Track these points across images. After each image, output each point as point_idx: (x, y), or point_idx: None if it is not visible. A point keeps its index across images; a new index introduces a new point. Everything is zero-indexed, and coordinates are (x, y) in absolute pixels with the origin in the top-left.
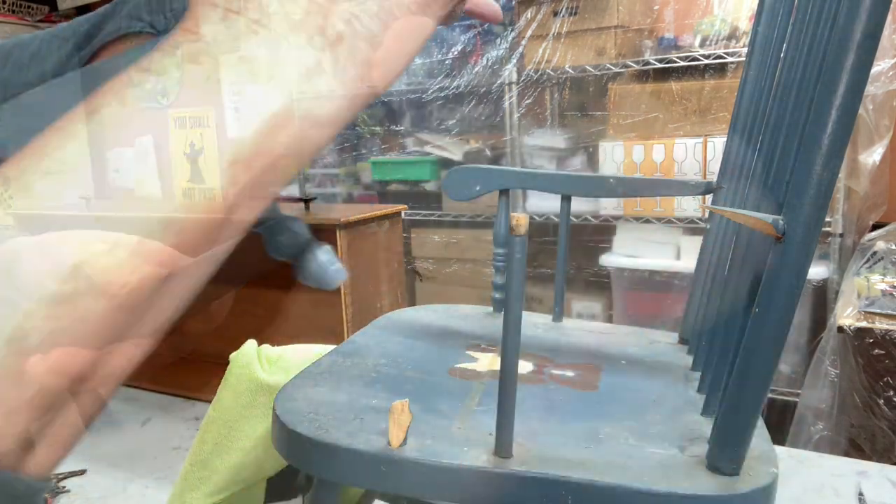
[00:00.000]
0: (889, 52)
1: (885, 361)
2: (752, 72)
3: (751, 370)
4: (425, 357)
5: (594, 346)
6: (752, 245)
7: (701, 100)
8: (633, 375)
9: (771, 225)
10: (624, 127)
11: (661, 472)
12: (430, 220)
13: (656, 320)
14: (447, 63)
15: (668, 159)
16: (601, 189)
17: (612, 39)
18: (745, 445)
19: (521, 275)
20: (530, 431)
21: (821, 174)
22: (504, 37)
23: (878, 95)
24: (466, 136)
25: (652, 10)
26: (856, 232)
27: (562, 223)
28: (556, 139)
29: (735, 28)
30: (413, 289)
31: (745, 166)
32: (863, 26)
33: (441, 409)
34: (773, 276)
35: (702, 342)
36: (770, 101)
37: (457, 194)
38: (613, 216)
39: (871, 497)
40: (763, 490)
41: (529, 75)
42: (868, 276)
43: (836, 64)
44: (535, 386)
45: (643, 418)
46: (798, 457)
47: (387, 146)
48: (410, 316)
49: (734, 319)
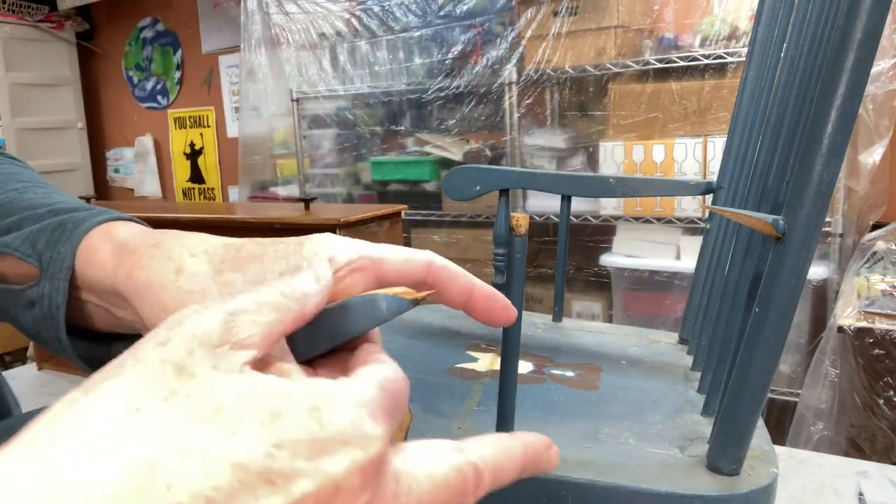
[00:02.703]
0: (889, 52)
1: (885, 361)
2: (752, 72)
3: (751, 370)
4: (425, 357)
5: (594, 346)
6: (752, 245)
7: (701, 100)
8: (633, 375)
9: (771, 225)
10: (624, 127)
11: (661, 472)
12: (430, 220)
13: (656, 320)
14: (447, 63)
15: (668, 159)
16: (601, 189)
17: (612, 39)
18: (745, 445)
19: (521, 275)
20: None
21: (821, 174)
22: (504, 37)
23: (878, 95)
24: (466, 136)
25: (652, 10)
26: (856, 232)
27: (562, 223)
28: (556, 139)
29: (735, 28)
30: None
31: (745, 166)
32: (863, 26)
33: (441, 409)
34: (773, 276)
35: (702, 342)
36: (770, 101)
37: (457, 194)
38: (613, 216)
39: (871, 497)
40: (763, 490)
41: (529, 75)
42: (868, 276)
43: (836, 64)
44: (535, 386)
45: (643, 418)
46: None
47: (387, 146)
48: (410, 316)
49: (734, 319)
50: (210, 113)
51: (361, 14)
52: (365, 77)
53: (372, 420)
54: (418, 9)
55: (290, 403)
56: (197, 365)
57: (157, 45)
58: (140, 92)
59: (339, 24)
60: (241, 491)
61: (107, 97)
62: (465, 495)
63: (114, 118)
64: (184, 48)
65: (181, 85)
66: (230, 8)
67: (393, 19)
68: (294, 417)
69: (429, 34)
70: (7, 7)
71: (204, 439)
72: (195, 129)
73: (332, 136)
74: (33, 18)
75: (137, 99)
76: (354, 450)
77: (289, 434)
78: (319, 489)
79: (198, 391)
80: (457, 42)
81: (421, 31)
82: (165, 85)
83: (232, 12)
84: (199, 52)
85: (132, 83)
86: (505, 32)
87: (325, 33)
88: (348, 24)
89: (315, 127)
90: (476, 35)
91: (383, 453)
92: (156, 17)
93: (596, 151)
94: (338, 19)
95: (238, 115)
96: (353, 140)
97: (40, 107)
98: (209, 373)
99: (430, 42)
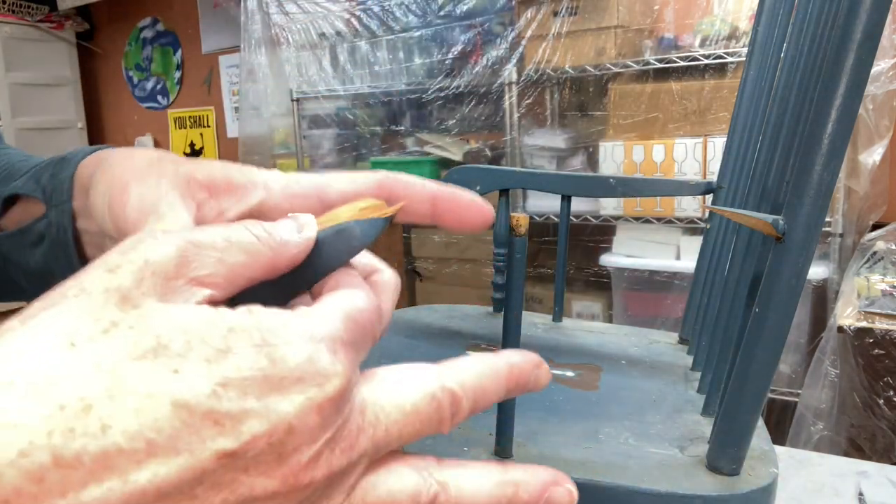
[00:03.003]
0: (889, 52)
1: (885, 361)
2: (752, 72)
3: (751, 370)
4: (425, 357)
5: (594, 346)
6: (752, 245)
7: (701, 100)
8: (633, 375)
9: (771, 225)
10: (624, 127)
11: (661, 472)
12: None
13: (656, 320)
14: (447, 63)
15: (668, 159)
16: (601, 189)
17: (612, 39)
18: (745, 445)
19: (521, 275)
20: (530, 431)
21: (821, 174)
22: (504, 37)
23: (878, 95)
24: (466, 136)
25: (652, 10)
26: (856, 232)
27: (562, 223)
28: (556, 139)
29: (735, 28)
30: (413, 289)
31: (745, 166)
32: (863, 26)
33: None
34: (773, 276)
35: (702, 342)
36: (770, 101)
37: None
38: (613, 216)
39: (871, 497)
40: (763, 490)
41: (529, 75)
42: (868, 276)
43: (836, 64)
44: None
45: (643, 418)
46: (798, 457)
47: (387, 146)
48: (410, 316)
49: (734, 319)
50: (210, 113)
51: (361, 14)
52: (365, 77)
53: (331, 355)
54: (418, 9)
55: (238, 339)
56: (144, 296)
57: (157, 45)
58: (140, 92)
59: (339, 24)
60: (186, 432)
61: (107, 97)
62: (440, 422)
63: (114, 118)
64: (184, 48)
65: (181, 85)
66: (230, 8)
67: (393, 19)
68: (243, 354)
69: (429, 34)
70: (7, 7)
71: (144, 377)
72: (195, 129)
73: (333, 136)
74: (33, 18)
75: (137, 99)
76: (309, 388)
77: (237, 372)
78: (271, 429)
79: (140, 324)
80: (457, 42)
81: (421, 31)
82: (165, 85)
83: (232, 12)
84: (199, 52)
85: (132, 83)
86: (505, 32)
87: (325, 33)
88: (348, 24)
89: (315, 127)
90: (476, 35)
91: (343, 389)
92: (156, 17)
93: (596, 151)
94: (338, 19)
95: (238, 115)
96: (353, 140)
97: (40, 107)
98: (154, 305)
99: (430, 42)
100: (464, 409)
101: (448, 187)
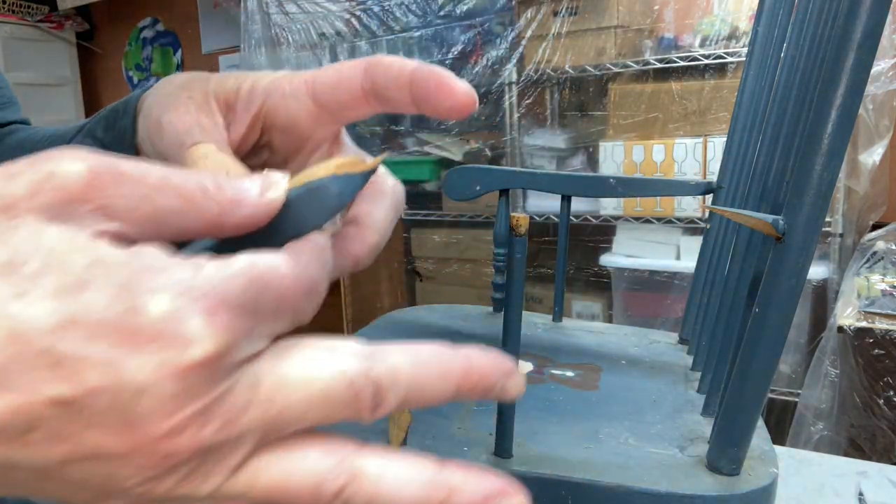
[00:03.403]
0: (889, 52)
1: (885, 361)
2: (752, 72)
3: (751, 370)
4: None
5: (594, 346)
6: (752, 245)
7: (701, 100)
8: (633, 375)
9: (771, 225)
10: (624, 127)
11: (661, 472)
12: (430, 220)
13: (656, 320)
14: (447, 63)
15: (668, 159)
16: (601, 189)
17: (612, 39)
18: (745, 445)
19: (521, 275)
20: (530, 431)
21: (821, 174)
22: (504, 37)
23: (878, 95)
24: (466, 136)
25: (652, 10)
26: (856, 232)
27: (562, 223)
28: (556, 139)
29: (735, 28)
30: (413, 289)
31: (745, 166)
32: (863, 26)
33: (441, 410)
34: (773, 276)
35: (702, 342)
36: (770, 101)
37: (457, 194)
38: (613, 216)
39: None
40: (763, 490)
41: (529, 75)
42: (868, 276)
43: (836, 64)
44: (534, 386)
45: (643, 418)
46: (798, 457)
47: (387, 146)
48: (410, 316)
49: (734, 320)
50: None
51: (361, 14)
52: None
53: (205, 316)
54: (418, 9)
55: (101, 274)
56: (29, 211)
57: (157, 46)
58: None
59: (339, 24)
60: (17, 366)
61: (107, 97)
62: (357, 411)
63: None
64: (184, 48)
65: None
66: (230, 8)
67: (393, 19)
68: (101, 293)
69: (429, 34)
70: (7, 7)
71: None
72: None
73: None
74: (33, 18)
75: None
76: (166, 349)
77: (88, 312)
78: (114, 386)
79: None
80: (457, 42)
81: (421, 32)
82: None
83: (232, 12)
84: (199, 53)
85: (132, 83)
86: (505, 32)
87: (325, 33)
88: (348, 24)
89: None
90: (476, 35)
91: (211, 358)
92: (156, 17)
93: (596, 151)
94: (338, 19)
95: None
96: (352, 139)
97: (40, 107)
98: (33, 220)
99: (430, 42)
100: (388, 401)
101: (427, 66)
